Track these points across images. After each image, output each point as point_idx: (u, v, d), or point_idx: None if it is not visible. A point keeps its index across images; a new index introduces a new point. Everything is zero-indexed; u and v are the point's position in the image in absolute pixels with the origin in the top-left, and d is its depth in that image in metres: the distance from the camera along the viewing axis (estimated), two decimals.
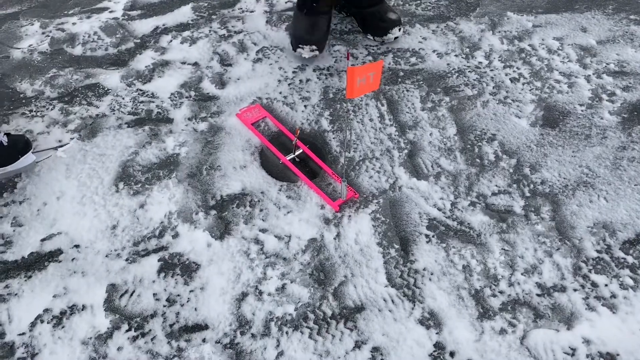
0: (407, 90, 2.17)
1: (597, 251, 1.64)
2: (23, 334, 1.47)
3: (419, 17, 2.54)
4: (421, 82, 2.20)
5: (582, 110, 2.07)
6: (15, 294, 1.54)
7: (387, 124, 2.03)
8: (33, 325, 1.48)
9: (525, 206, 1.76)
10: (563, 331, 1.47)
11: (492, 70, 2.23)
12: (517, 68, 2.25)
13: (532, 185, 1.82)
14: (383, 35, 2.35)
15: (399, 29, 2.35)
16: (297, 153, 1.89)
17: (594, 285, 1.56)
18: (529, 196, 1.79)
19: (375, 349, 1.43)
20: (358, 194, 1.79)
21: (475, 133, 1.99)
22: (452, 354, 1.42)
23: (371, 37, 2.40)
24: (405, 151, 1.93)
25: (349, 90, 1.50)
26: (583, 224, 1.71)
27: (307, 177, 1.84)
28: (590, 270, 1.60)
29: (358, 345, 1.44)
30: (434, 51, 2.36)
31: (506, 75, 2.21)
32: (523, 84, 2.18)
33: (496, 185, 1.82)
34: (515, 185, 1.82)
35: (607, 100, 2.11)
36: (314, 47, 2.22)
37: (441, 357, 1.42)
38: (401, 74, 2.25)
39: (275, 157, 1.92)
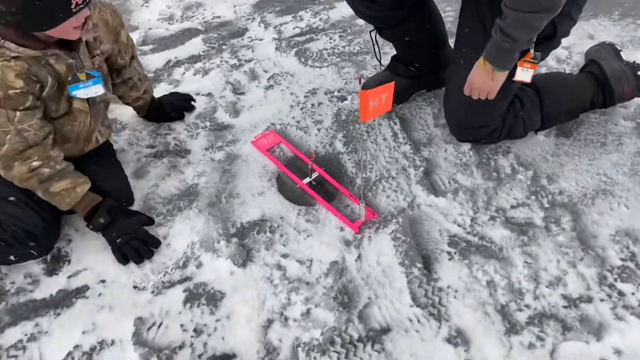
0: (419, 108, 2.19)
1: (622, 259, 1.63)
2: None
3: None
4: (432, 99, 2.22)
5: (595, 118, 2.07)
6: (46, 332, 1.57)
7: (401, 142, 2.05)
8: None
9: (545, 217, 1.76)
10: (593, 343, 1.45)
11: None
12: None
13: (550, 196, 1.82)
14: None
15: None
16: (313, 177, 1.91)
17: (621, 294, 1.55)
18: (548, 207, 1.79)
19: None
20: (377, 214, 1.80)
21: (490, 147, 2.00)
22: None
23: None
24: (421, 169, 1.94)
25: (363, 113, 1.52)
26: (605, 233, 1.70)
27: (324, 200, 1.85)
28: (615, 279, 1.58)
29: None
30: None
31: None
32: None
33: (514, 198, 1.82)
34: (533, 197, 1.82)
35: (620, 107, 2.10)
36: None
37: None
38: None
39: (292, 182, 1.94)
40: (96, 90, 1.63)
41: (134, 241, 1.71)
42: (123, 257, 1.70)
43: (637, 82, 1.98)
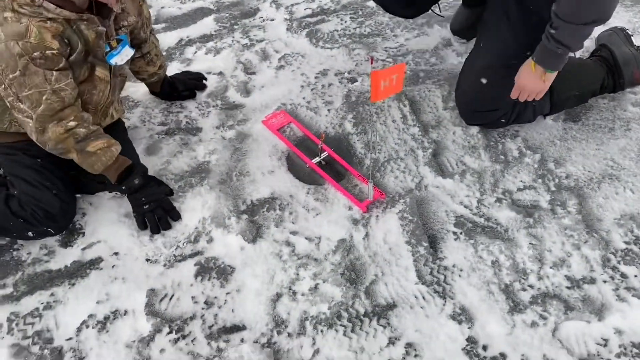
0: (429, 91, 2.20)
1: (626, 242, 1.65)
2: (70, 339, 1.53)
3: (437, 17, 2.57)
4: (442, 82, 2.23)
5: (604, 104, 2.08)
6: (61, 301, 1.61)
7: (410, 124, 2.07)
8: (79, 330, 1.55)
9: (551, 200, 1.78)
10: (594, 322, 1.48)
11: None
12: None
13: (557, 180, 1.84)
14: None
15: None
16: (322, 156, 1.94)
17: (624, 276, 1.58)
18: (554, 190, 1.81)
19: (409, 345, 1.47)
20: (385, 194, 1.83)
21: (498, 130, 2.01)
22: (484, 348, 1.45)
23: None
24: (430, 150, 1.96)
25: (374, 94, 1.54)
26: (610, 216, 1.72)
27: (333, 179, 1.88)
28: (619, 262, 1.61)
29: (392, 341, 1.47)
30: (453, 50, 2.38)
31: None
32: None
33: (521, 181, 1.84)
34: (540, 180, 1.84)
35: (629, 92, 2.11)
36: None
37: (474, 351, 1.45)
38: (422, 74, 2.28)
39: (301, 161, 1.96)
40: (127, 52, 1.69)
41: (159, 210, 1.76)
42: (143, 223, 1.75)
43: None
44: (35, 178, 1.69)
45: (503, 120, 1.95)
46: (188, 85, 2.22)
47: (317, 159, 1.94)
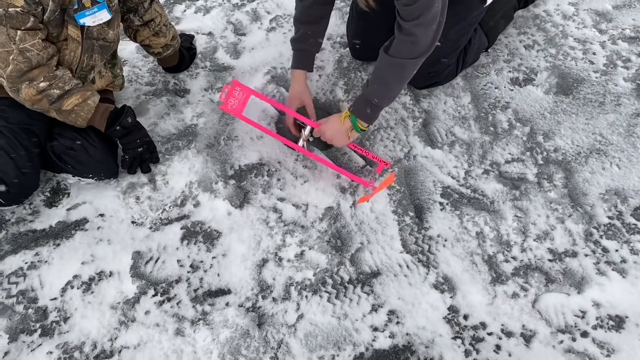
0: None
1: (609, 217, 1.68)
2: (55, 299, 1.54)
3: None
4: None
5: (596, 77, 2.07)
6: (46, 261, 1.61)
7: (401, 92, 2.04)
8: (64, 290, 1.55)
9: (538, 173, 1.79)
10: (574, 295, 1.52)
11: (506, 37, 2.22)
12: (531, 35, 2.24)
13: (545, 153, 1.84)
14: None
15: None
16: (306, 133, 1.78)
17: (605, 250, 1.60)
18: (542, 164, 1.82)
19: (391, 312, 1.49)
20: (390, 163, 1.79)
21: (489, 101, 2.00)
22: (465, 317, 1.48)
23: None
24: (420, 120, 1.95)
25: (364, 199, 1.67)
26: (595, 191, 1.74)
27: (332, 162, 1.79)
28: (601, 236, 1.63)
29: (375, 308, 1.50)
30: None
31: (520, 42, 2.20)
32: (537, 50, 2.18)
33: (509, 153, 1.85)
34: (528, 153, 1.84)
35: (622, 67, 2.10)
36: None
37: (455, 319, 1.48)
38: None
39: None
40: (102, 16, 1.61)
41: (146, 153, 1.78)
42: (130, 164, 1.76)
43: None
44: (1, 145, 1.60)
45: (452, 71, 2.01)
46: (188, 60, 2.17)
47: (301, 142, 1.78)
